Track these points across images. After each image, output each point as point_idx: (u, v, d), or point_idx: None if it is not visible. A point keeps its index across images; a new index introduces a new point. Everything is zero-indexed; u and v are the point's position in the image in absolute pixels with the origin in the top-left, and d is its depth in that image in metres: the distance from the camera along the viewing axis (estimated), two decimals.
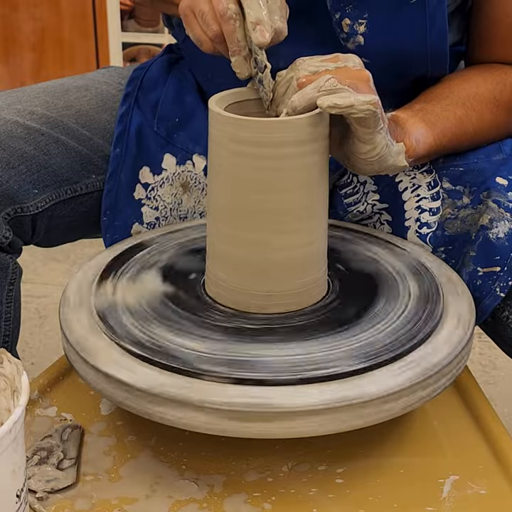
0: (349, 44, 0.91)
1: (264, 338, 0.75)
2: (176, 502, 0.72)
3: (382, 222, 0.97)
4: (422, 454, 0.78)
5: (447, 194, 0.93)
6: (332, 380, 0.69)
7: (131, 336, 0.75)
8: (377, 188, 0.96)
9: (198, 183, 1.00)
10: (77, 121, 1.03)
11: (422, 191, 0.93)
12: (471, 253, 0.90)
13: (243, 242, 0.78)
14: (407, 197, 0.94)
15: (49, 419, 0.82)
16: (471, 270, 0.89)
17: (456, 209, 0.92)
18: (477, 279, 0.88)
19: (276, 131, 0.74)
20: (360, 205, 0.97)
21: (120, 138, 1.03)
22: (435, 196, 0.93)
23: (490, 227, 0.89)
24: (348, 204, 0.98)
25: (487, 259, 0.88)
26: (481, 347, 1.74)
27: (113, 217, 1.01)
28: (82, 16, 2.28)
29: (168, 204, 1.01)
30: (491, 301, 0.88)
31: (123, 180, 1.02)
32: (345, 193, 0.98)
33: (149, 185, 1.01)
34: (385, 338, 0.74)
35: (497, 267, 0.88)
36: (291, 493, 0.73)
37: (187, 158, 1.01)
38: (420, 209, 0.93)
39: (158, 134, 1.02)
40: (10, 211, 0.95)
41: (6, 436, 0.56)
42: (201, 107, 1.02)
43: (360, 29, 0.90)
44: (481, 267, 0.89)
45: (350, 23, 0.90)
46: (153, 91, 1.06)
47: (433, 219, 0.93)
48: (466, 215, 0.92)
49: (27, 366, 1.66)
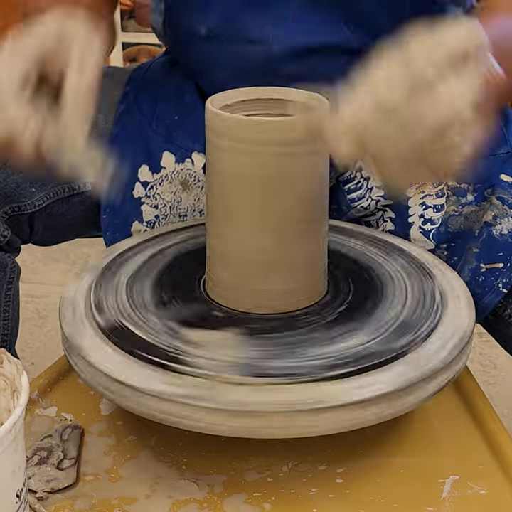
0: None
1: (262, 338, 0.75)
2: (176, 502, 0.72)
3: (385, 220, 0.97)
4: (422, 454, 0.78)
5: (452, 191, 0.93)
6: (332, 380, 0.69)
7: (127, 333, 0.75)
8: (381, 183, 0.96)
9: (198, 181, 1.00)
10: None
11: (426, 188, 0.93)
12: (474, 249, 0.90)
13: (242, 243, 0.78)
14: (412, 193, 0.94)
15: (49, 419, 0.82)
16: (474, 267, 0.89)
17: (460, 206, 0.92)
18: (479, 276, 0.88)
19: (275, 131, 0.74)
20: (364, 200, 0.97)
21: (118, 137, 1.03)
22: (440, 193, 0.93)
23: (494, 224, 0.89)
24: (351, 200, 0.97)
25: (490, 255, 0.88)
26: (481, 347, 1.73)
27: (112, 216, 1.01)
28: None
29: (167, 202, 1.01)
30: (493, 297, 0.88)
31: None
32: (349, 189, 0.98)
33: (148, 184, 1.01)
34: (381, 339, 0.74)
35: (500, 263, 0.88)
36: (291, 493, 0.73)
37: (186, 156, 1.01)
38: (424, 205, 0.93)
39: (157, 133, 1.02)
40: (7, 210, 0.95)
41: (6, 436, 0.56)
42: (201, 105, 1.02)
43: None
44: (484, 263, 0.89)
45: None
46: (152, 90, 1.06)
47: (437, 215, 0.93)
48: (470, 212, 0.92)
49: (27, 366, 1.66)
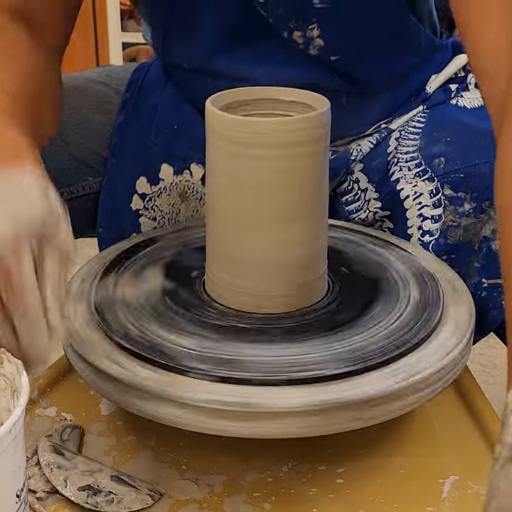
0: (311, 51, 0.91)
1: (262, 338, 0.75)
2: (176, 502, 0.72)
3: (384, 230, 0.96)
4: (422, 454, 0.78)
5: (448, 201, 0.92)
6: (331, 380, 0.69)
7: (125, 332, 0.75)
8: (378, 195, 0.96)
9: (196, 193, 1.00)
10: (72, 123, 1.02)
11: (423, 199, 0.93)
12: (475, 264, 0.89)
13: (242, 243, 0.78)
14: (409, 205, 0.93)
15: (49, 419, 0.82)
16: (476, 281, 0.88)
17: (458, 215, 0.92)
18: (482, 291, 0.87)
19: (275, 131, 0.74)
20: (362, 212, 0.97)
21: (117, 149, 1.02)
22: (437, 203, 0.93)
23: (493, 238, 0.88)
24: (349, 211, 0.97)
25: (491, 270, 0.88)
26: (481, 347, 1.73)
27: (109, 229, 1.01)
28: (82, 15, 2.28)
29: (166, 214, 1.01)
30: (497, 313, 0.87)
31: (120, 191, 1.01)
32: (346, 201, 0.97)
33: (147, 196, 1.01)
34: (378, 342, 0.74)
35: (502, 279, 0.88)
36: (291, 493, 0.73)
37: (184, 167, 1.00)
38: (422, 217, 0.93)
39: (155, 144, 1.02)
40: None
41: (6, 436, 0.56)
42: (199, 114, 1.02)
43: (314, 33, 0.89)
44: (486, 278, 0.88)
45: (300, 33, 0.89)
46: (152, 95, 1.05)
47: (435, 226, 0.92)
48: (469, 224, 0.91)
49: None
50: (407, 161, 0.95)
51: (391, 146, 0.97)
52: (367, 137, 0.99)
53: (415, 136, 0.97)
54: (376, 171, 0.97)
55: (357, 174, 0.98)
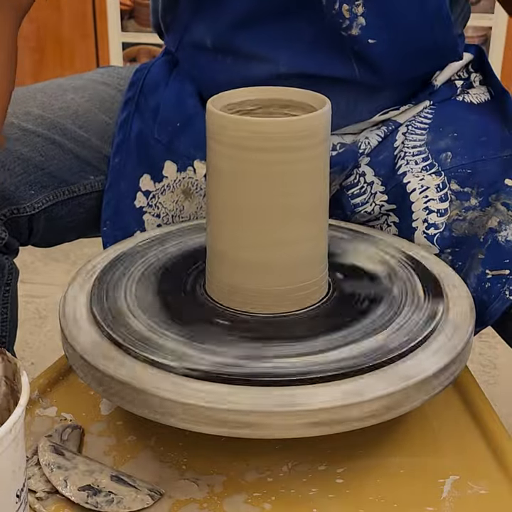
0: (353, 30, 0.91)
1: (262, 338, 0.75)
2: (176, 502, 0.72)
3: (389, 224, 0.97)
4: (422, 454, 0.78)
5: (455, 195, 0.93)
6: (331, 380, 0.69)
7: (128, 333, 0.75)
8: (385, 188, 0.96)
9: (200, 189, 1.00)
10: (74, 123, 1.02)
11: (430, 193, 0.93)
12: (479, 256, 0.89)
13: (242, 243, 0.78)
14: (415, 198, 0.94)
15: (49, 419, 0.82)
16: (480, 273, 0.88)
17: (464, 210, 0.92)
18: (485, 282, 0.88)
19: (276, 131, 0.74)
20: (368, 205, 0.97)
21: (120, 147, 1.02)
22: (443, 197, 0.93)
23: (499, 230, 0.89)
24: (355, 205, 0.97)
25: (496, 262, 0.88)
26: (481, 347, 1.74)
27: (113, 227, 1.01)
28: (82, 15, 2.28)
29: (169, 211, 1.01)
30: (499, 304, 0.87)
31: (123, 189, 1.02)
32: (352, 194, 0.98)
33: (150, 193, 1.01)
34: (381, 341, 0.74)
35: (506, 270, 0.88)
36: (291, 493, 0.73)
37: (188, 164, 1.00)
38: (428, 210, 0.93)
39: (158, 141, 1.02)
40: (6, 212, 0.95)
41: (6, 436, 0.56)
42: (202, 111, 1.02)
43: (359, 10, 0.90)
44: (490, 269, 0.88)
45: (348, 7, 0.90)
46: (154, 94, 1.05)
47: (441, 220, 0.92)
48: (474, 217, 0.91)
49: (27, 366, 1.66)
50: (414, 154, 0.96)
51: (398, 141, 0.98)
52: (375, 130, 0.99)
53: (422, 131, 0.98)
54: (383, 165, 0.98)
55: (363, 168, 0.98)
